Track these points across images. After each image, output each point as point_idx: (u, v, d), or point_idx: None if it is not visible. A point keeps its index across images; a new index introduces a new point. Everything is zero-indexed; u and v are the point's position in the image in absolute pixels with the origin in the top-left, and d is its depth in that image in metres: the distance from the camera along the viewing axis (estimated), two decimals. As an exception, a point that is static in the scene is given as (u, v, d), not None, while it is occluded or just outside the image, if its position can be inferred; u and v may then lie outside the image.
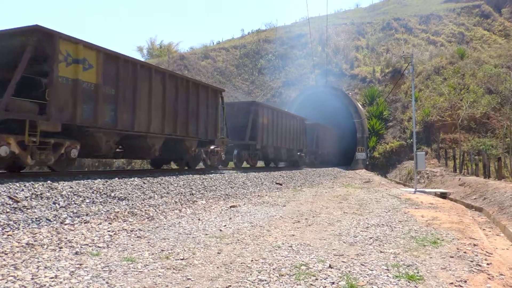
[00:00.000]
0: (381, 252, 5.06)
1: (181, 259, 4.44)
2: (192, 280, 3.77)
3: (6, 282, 3.43)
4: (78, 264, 4.08)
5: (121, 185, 8.58)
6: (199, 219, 7.04)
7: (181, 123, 12.48)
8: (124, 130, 10.18)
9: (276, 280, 3.82)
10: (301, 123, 24.70)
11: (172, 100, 11.97)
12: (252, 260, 4.49)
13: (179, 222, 6.72)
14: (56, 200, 6.68)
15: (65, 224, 5.76)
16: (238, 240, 5.51)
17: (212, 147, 14.62)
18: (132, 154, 12.69)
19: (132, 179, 9.41)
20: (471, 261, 4.76)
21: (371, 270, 4.24)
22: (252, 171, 16.66)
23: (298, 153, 24.35)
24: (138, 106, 10.47)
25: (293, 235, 5.95)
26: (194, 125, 13.20)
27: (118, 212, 6.89)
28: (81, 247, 4.79)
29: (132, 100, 10.28)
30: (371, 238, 5.89)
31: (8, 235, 4.94)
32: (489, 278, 4.19)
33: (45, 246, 4.70)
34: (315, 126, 28.74)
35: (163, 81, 11.55)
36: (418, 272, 4.19)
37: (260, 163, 22.79)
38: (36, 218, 5.71)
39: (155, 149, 11.56)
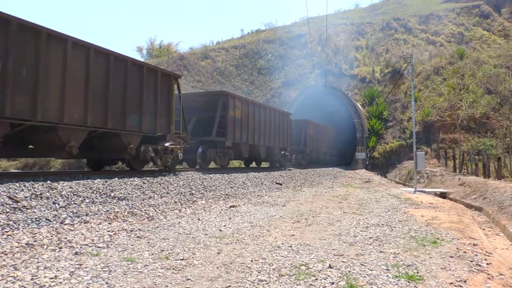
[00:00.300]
0: (381, 252, 5.06)
1: (181, 259, 4.44)
2: (192, 280, 3.76)
3: (5, 283, 3.43)
4: (78, 264, 4.08)
5: (121, 185, 8.57)
6: (199, 219, 7.04)
7: (115, 113, 10.00)
8: (19, 119, 7.70)
9: (276, 280, 3.82)
10: (285, 119, 21.70)
11: (100, 84, 9.57)
12: (252, 260, 4.48)
13: (179, 222, 6.72)
14: (56, 200, 6.68)
15: (65, 224, 5.76)
16: (238, 240, 5.51)
17: (165, 144, 12.14)
18: (37, 152, 10.17)
19: (132, 179, 9.40)
20: (471, 261, 4.76)
21: (371, 270, 4.24)
22: (252, 171, 16.65)
23: (282, 152, 21.37)
24: (43, 88, 7.99)
25: (293, 235, 5.95)
26: (135, 117, 10.76)
27: (118, 212, 6.89)
28: (81, 247, 4.79)
29: (33, 80, 7.83)
30: (371, 238, 5.89)
31: (7, 235, 4.93)
32: (489, 278, 4.19)
33: (45, 246, 4.70)
34: (303, 122, 26.01)
35: (87, 59, 9.13)
36: (418, 272, 4.19)
37: (235, 163, 23.29)
38: (35, 218, 5.71)
39: (72, 146, 8.82)
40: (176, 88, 12.84)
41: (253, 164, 21.62)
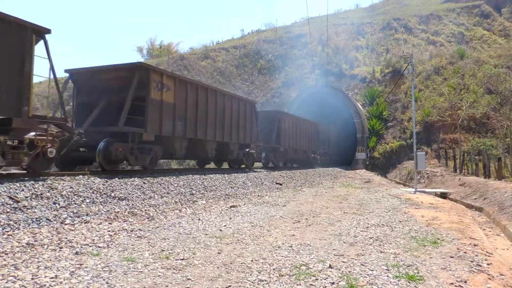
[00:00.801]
0: (381, 252, 5.06)
1: (181, 259, 4.44)
2: (192, 280, 3.77)
3: (6, 282, 3.43)
4: (78, 264, 4.08)
5: (121, 185, 8.58)
6: (199, 219, 7.04)
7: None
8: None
9: (276, 280, 3.82)
10: (248, 108, 18.45)
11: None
12: (252, 260, 4.48)
13: (179, 222, 6.72)
14: (56, 200, 6.68)
15: (65, 224, 5.76)
16: (238, 240, 5.51)
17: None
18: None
19: (132, 179, 9.41)
20: (471, 261, 4.76)
21: (371, 270, 4.24)
22: (253, 171, 16.67)
23: (246, 150, 18.28)
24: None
25: (293, 235, 5.95)
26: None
27: (118, 212, 6.89)
28: (81, 247, 4.79)
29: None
30: (371, 238, 5.89)
31: (8, 235, 4.94)
32: (489, 278, 4.19)
33: (45, 246, 4.70)
34: (276, 114, 22.54)
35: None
36: (418, 272, 4.18)
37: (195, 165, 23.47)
38: (36, 218, 5.72)
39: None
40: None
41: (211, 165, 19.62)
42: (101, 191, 7.79)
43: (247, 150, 17.70)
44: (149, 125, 11.13)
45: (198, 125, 13.56)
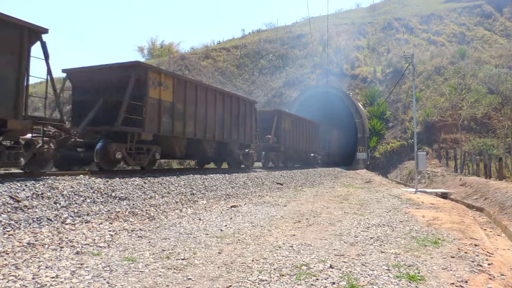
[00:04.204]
0: (382, 252, 5.05)
1: (182, 259, 4.44)
2: (192, 280, 3.77)
3: (7, 282, 3.43)
4: (79, 263, 4.09)
5: (122, 185, 8.58)
6: (200, 219, 7.04)
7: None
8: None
9: (277, 280, 3.82)
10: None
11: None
12: (253, 260, 4.48)
13: (180, 222, 6.72)
14: (57, 199, 6.69)
15: (66, 224, 5.77)
16: (239, 240, 5.51)
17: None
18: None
19: (133, 179, 9.41)
20: (472, 262, 4.75)
21: (372, 270, 4.23)
22: (253, 171, 16.67)
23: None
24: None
25: (294, 235, 5.95)
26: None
27: (119, 212, 6.89)
28: (82, 246, 4.80)
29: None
30: (372, 238, 5.88)
31: (9, 235, 4.94)
32: (490, 279, 4.19)
33: (46, 246, 4.71)
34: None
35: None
36: (419, 272, 4.18)
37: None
38: (37, 218, 5.72)
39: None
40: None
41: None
42: (101, 191, 7.80)
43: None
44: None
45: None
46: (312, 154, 27.33)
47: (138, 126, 10.79)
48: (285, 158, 23.15)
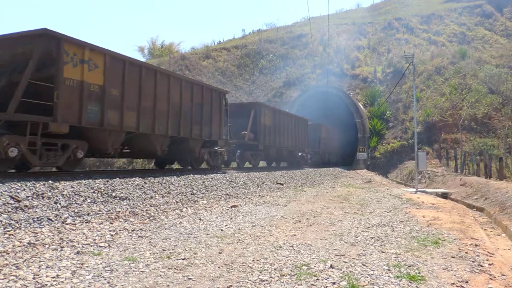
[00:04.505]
0: (382, 252, 5.05)
1: (182, 259, 4.44)
2: (193, 280, 3.77)
3: (8, 282, 3.43)
4: (79, 263, 4.09)
5: (122, 184, 8.58)
6: (200, 219, 7.04)
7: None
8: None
9: (277, 280, 3.82)
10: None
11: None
12: (253, 260, 4.48)
13: (180, 222, 6.72)
14: (57, 199, 6.69)
15: (67, 224, 5.77)
16: (239, 240, 5.51)
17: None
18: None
19: (133, 179, 9.41)
20: (473, 262, 4.75)
21: (373, 270, 4.23)
22: (254, 171, 16.66)
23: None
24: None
25: (294, 235, 5.95)
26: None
27: (119, 211, 6.89)
28: (82, 246, 4.80)
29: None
30: (372, 238, 5.88)
31: (9, 235, 4.94)
32: (491, 279, 4.19)
33: (47, 246, 4.71)
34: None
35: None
36: (419, 273, 4.18)
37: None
38: (37, 218, 5.72)
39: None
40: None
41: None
42: (102, 190, 7.80)
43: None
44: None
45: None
46: (300, 153, 24.54)
47: (48, 115, 8.25)
48: (266, 157, 21.23)
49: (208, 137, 14.26)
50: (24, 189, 6.64)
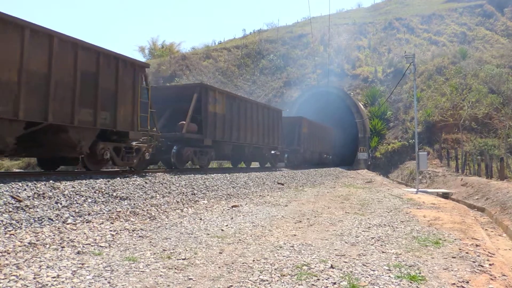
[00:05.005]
0: (383, 252, 5.05)
1: (183, 259, 4.44)
2: (193, 280, 3.77)
3: (8, 281, 3.44)
4: (80, 263, 4.09)
5: (123, 184, 8.59)
6: (200, 219, 7.04)
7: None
8: None
9: (277, 280, 3.82)
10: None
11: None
12: (253, 260, 4.48)
13: (181, 222, 6.72)
14: (58, 199, 6.69)
15: (67, 224, 5.77)
16: (239, 240, 5.51)
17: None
18: None
19: (134, 178, 9.42)
20: (473, 262, 4.75)
21: (373, 270, 4.23)
22: (254, 171, 16.64)
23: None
24: None
25: (295, 235, 5.94)
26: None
27: (120, 211, 6.90)
28: (83, 246, 4.80)
29: None
30: (373, 238, 5.88)
31: (10, 235, 4.95)
32: (491, 279, 4.18)
33: (47, 246, 4.71)
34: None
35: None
36: (420, 273, 4.18)
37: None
38: (38, 218, 5.73)
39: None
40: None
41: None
42: (103, 190, 7.80)
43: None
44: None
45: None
46: (272, 151, 21.01)
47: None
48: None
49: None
50: (25, 189, 6.65)
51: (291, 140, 24.39)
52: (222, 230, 6.16)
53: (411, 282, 3.87)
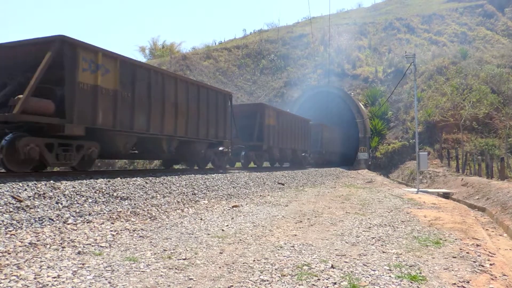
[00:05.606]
0: (383, 252, 5.05)
1: (183, 259, 4.44)
2: (194, 280, 3.77)
3: (9, 282, 3.44)
4: (80, 263, 4.09)
5: (124, 185, 8.59)
6: (201, 219, 7.04)
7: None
8: None
9: (278, 280, 3.82)
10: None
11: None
12: (254, 260, 4.48)
13: (181, 222, 6.72)
14: (58, 199, 6.70)
15: (68, 224, 5.77)
16: (240, 240, 5.51)
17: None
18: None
19: (135, 179, 9.42)
20: (474, 262, 4.75)
21: (374, 270, 4.23)
22: (254, 171, 16.65)
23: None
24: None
25: (296, 235, 5.94)
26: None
27: (120, 211, 6.90)
28: (83, 246, 4.80)
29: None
30: (373, 238, 5.88)
31: (11, 235, 4.95)
32: (492, 279, 4.18)
33: (48, 246, 4.72)
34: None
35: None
36: (420, 273, 4.18)
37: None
38: (39, 218, 5.73)
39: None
40: None
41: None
42: (103, 190, 7.81)
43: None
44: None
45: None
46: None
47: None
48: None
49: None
50: (25, 189, 6.66)
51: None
52: (223, 230, 6.16)
53: (411, 282, 3.86)
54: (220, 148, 15.34)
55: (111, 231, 5.66)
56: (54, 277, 3.62)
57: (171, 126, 12.26)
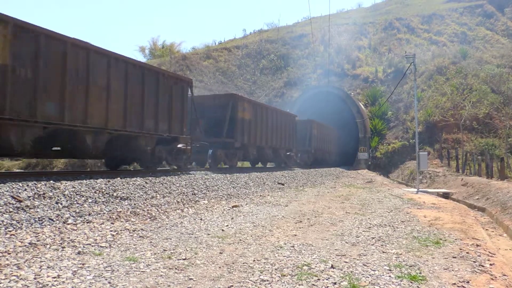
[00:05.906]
0: (383, 252, 5.05)
1: (183, 259, 4.44)
2: (194, 280, 3.77)
3: (9, 282, 3.44)
4: (80, 263, 4.09)
5: (124, 185, 8.59)
6: (201, 219, 7.04)
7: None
8: None
9: (278, 280, 3.82)
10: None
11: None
12: (254, 260, 4.48)
13: (181, 222, 6.72)
14: (58, 199, 6.70)
15: (68, 224, 5.77)
16: (240, 240, 5.51)
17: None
18: None
19: (135, 179, 9.42)
20: (474, 262, 4.75)
21: (373, 270, 4.23)
22: (254, 171, 16.63)
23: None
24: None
25: (295, 235, 5.94)
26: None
27: (120, 212, 6.90)
28: (83, 246, 4.80)
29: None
30: (373, 238, 5.88)
31: (11, 235, 4.95)
32: (492, 279, 4.18)
33: (48, 246, 4.71)
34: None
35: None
36: (420, 273, 4.18)
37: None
38: (38, 218, 5.73)
39: None
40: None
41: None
42: (103, 190, 7.81)
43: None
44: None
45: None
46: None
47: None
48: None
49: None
50: (25, 189, 6.66)
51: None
52: (223, 230, 6.16)
53: (411, 282, 3.86)
54: (179, 146, 12.73)
55: (111, 231, 5.66)
56: (54, 277, 3.62)
57: (100, 115, 9.66)
